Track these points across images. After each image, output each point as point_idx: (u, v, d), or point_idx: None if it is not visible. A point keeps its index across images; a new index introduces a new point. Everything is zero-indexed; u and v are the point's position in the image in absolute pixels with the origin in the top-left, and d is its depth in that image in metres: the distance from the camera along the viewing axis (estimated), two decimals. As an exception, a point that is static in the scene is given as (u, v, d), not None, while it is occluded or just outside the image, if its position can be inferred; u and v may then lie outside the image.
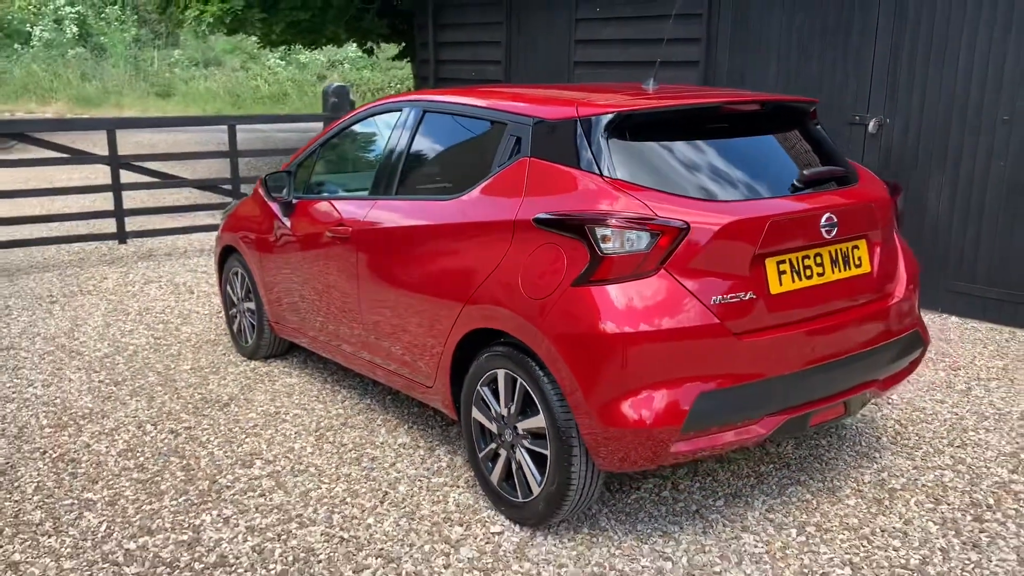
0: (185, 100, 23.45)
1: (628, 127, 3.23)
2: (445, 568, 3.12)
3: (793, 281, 3.22)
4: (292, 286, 4.70)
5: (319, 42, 11.41)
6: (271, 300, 4.96)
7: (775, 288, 3.16)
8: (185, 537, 3.33)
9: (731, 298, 3.05)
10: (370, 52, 12.55)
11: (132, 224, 8.79)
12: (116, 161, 8.02)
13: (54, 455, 4.04)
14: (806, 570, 3.13)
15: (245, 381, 4.97)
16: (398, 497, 3.62)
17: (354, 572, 3.10)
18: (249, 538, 3.32)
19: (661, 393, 2.96)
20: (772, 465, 3.93)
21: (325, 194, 4.58)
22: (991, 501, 3.62)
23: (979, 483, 3.77)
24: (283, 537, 3.33)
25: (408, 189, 3.96)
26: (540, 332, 3.11)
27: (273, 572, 3.10)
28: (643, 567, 3.13)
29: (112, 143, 8.03)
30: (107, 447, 4.12)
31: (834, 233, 3.29)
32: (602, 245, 2.98)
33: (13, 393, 4.80)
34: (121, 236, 8.32)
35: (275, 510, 3.53)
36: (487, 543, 3.28)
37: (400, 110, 4.18)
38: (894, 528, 3.41)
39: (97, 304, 6.59)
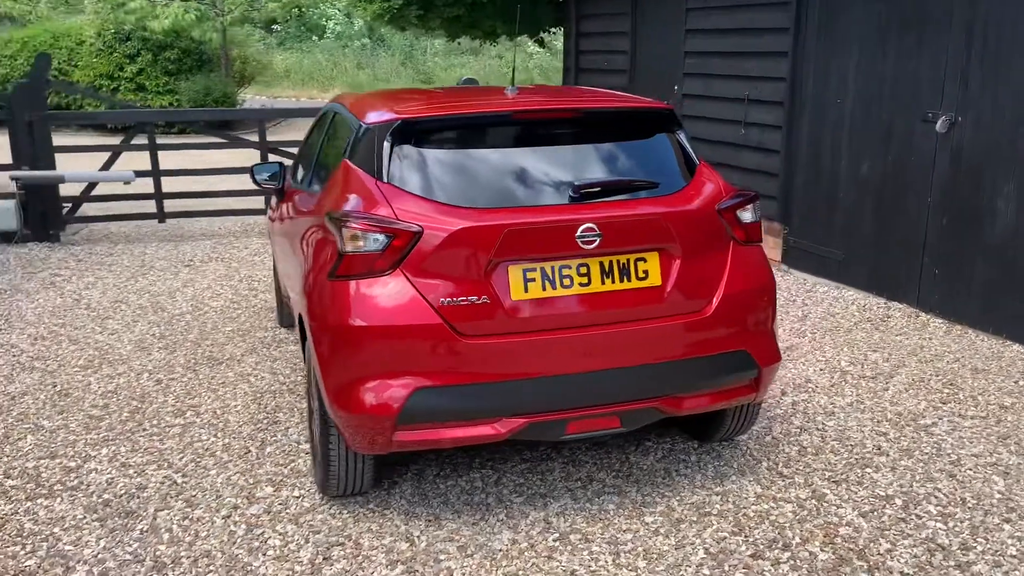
0: (438, 86, 25.27)
1: (413, 134, 3.44)
2: (229, 513, 3.59)
3: (544, 289, 3.26)
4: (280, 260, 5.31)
5: (475, 35, 12.01)
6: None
7: (517, 295, 3.23)
8: (72, 464, 4.09)
9: (462, 301, 3.19)
10: (541, 43, 12.93)
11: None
12: (265, 146, 9.17)
13: (59, 389, 5.01)
14: (519, 571, 3.20)
15: (253, 345, 5.70)
16: (258, 454, 4.12)
17: (183, 502, 3.67)
18: (113, 471, 4.00)
19: (381, 384, 3.20)
20: (613, 472, 3.92)
21: (294, 184, 5.16)
22: (799, 539, 3.38)
23: (805, 523, 3.51)
24: (145, 474, 3.97)
25: (313, 181, 4.42)
26: (307, 319, 3.45)
27: (112, 498, 3.75)
28: (383, 544, 3.38)
29: (261, 132, 9.18)
30: (101, 387, 5.01)
31: (596, 244, 3.27)
32: (345, 244, 3.25)
33: (81, 337, 5.92)
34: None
35: (156, 453, 4.18)
36: (280, 504, 3.69)
37: (327, 112, 4.65)
38: (660, 550, 3.33)
39: (216, 269, 7.72)
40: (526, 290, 3.25)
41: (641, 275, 3.39)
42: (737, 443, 4.21)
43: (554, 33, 12.73)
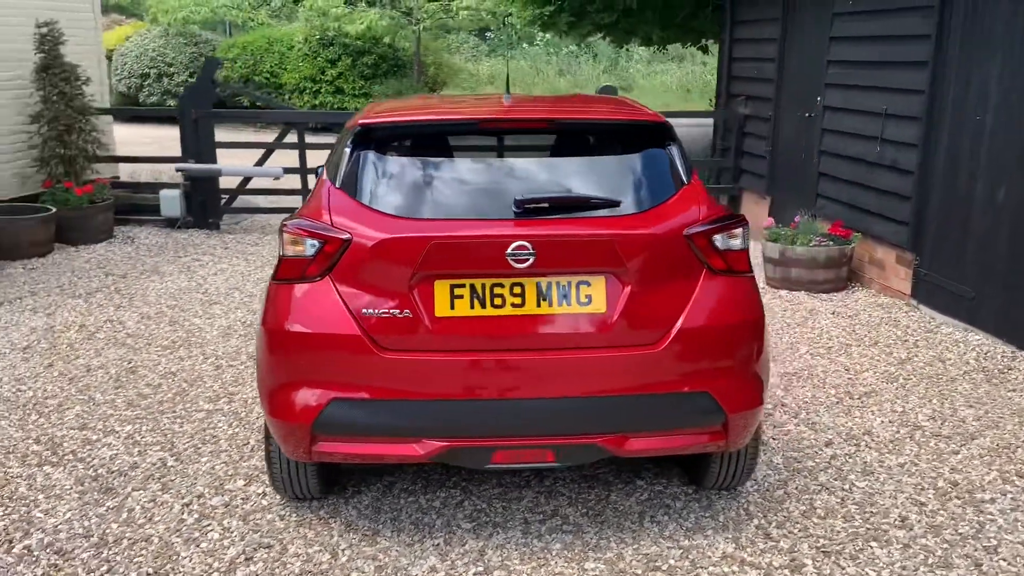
0: (637, 93, 24.96)
1: (372, 140, 3.37)
2: (191, 501, 3.69)
3: (472, 308, 3.08)
4: None
5: (628, 41, 11.62)
6: None
7: (441, 311, 3.08)
8: (94, 437, 4.37)
9: (384, 314, 3.09)
10: (705, 50, 12.31)
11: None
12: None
13: (130, 366, 5.39)
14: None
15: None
16: (254, 448, 4.22)
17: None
18: (121, 448, 4.24)
19: (302, 391, 3.15)
20: (584, 509, 3.65)
21: None
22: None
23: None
24: (145, 454, 4.18)
25: None
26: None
27: (104, 473, 3.98)
28: (307, 552, 3.33)
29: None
30: (165, 368, 5.33)
31: (530, 264, 3.05)
32: (284, 247, 3.24)
33: (181, 319, 6.34)
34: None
35: (168, 435, 4.39)
36: (242, 499, 3.74)
37: None
38: (581, 599, 3.05)
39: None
40: (452, 307, 3.09)
41: (583, 300, 3.12)
42: (738, 493, 3.78)
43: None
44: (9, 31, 8.83)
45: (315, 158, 10.37)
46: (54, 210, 8.21)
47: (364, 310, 3.10)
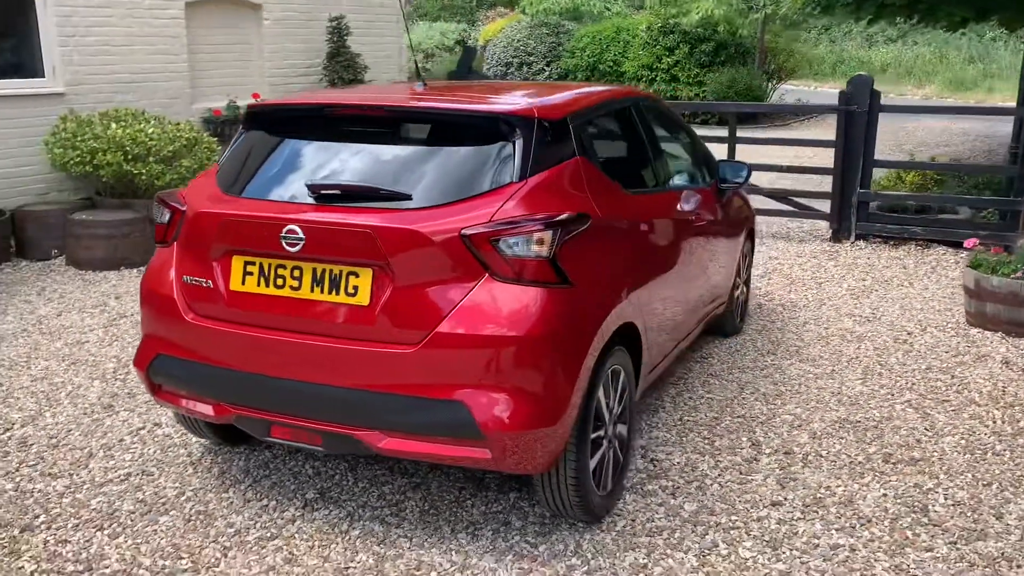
0: None
1: (254, 120, 3.63)
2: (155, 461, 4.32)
3: (258, 285, 3.23)
4: None
5: (933, 21, 9.73)
6: None
7: (235, 285, 3.27)
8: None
9: (196, 282, 3.36)
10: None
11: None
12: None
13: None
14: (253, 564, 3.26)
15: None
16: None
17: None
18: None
19: (143, 342, 3.58)
20: (438, 505, 3.59)
21: None
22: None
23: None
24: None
25: None
26: None
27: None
28: (171, 475, 3.75)
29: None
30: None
31: (300, 248, 3.09)
32: (154, 214, 3.65)
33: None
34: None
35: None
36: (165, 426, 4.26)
37: None
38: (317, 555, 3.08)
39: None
40: (243, 282, 3.25)
41: (351, 291, 3.08)
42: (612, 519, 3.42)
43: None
44: (317, 26, 10.37)
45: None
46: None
47: (184, 276, 3.39)
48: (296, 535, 3.39)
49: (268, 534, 3.40)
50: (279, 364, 3.19)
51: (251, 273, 3.25)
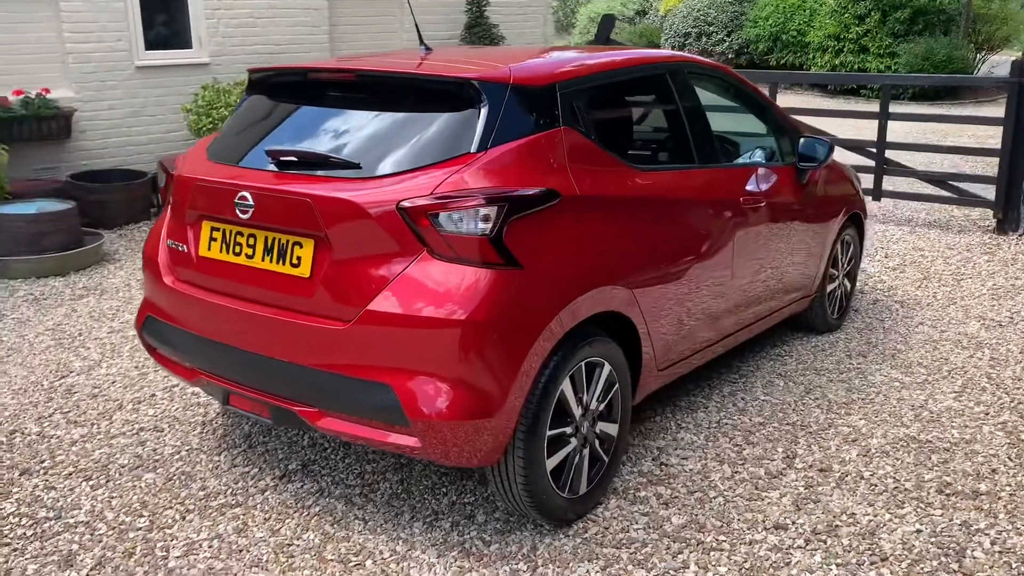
0: None
1: (253, 87, 3.60)
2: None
3: (221, 252, 3.20)
4: None
5: None
6: None
7: (203, 251, 3.25)
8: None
9: (175, 246, 3.38)
10: None
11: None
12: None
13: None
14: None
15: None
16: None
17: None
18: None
19: (143, 303, 3.64)
20: (404, 493, 3.45)
21: None
22: None
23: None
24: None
25: None
26: None
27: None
28: (170, 439, 3.83)
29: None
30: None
31: (250, 215, 3.02)
32: (160, 179, 3.71)
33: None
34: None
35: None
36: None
37: None
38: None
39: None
40: (209, 248, 3.22)
41: (295, 261, 2.97)
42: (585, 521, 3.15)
43: None
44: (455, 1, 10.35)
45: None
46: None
47: (168, 240, 3.42)
48: (258, 506, 3.35)
49: (233, 501, 3.39)
50: (234, 332, 3.14)
51: (215, 239, 3.22)
